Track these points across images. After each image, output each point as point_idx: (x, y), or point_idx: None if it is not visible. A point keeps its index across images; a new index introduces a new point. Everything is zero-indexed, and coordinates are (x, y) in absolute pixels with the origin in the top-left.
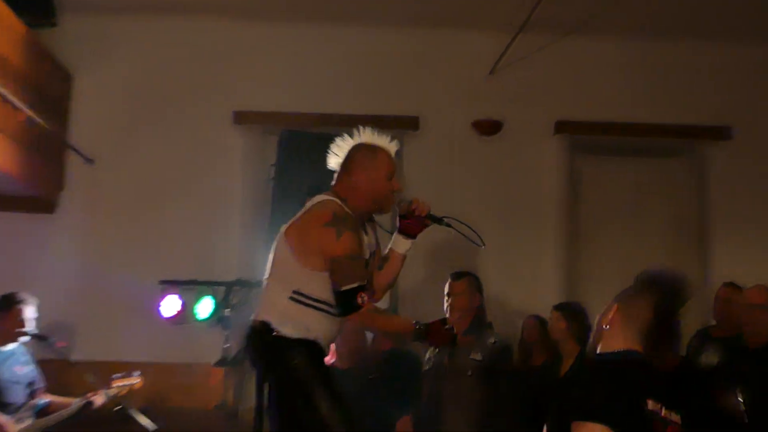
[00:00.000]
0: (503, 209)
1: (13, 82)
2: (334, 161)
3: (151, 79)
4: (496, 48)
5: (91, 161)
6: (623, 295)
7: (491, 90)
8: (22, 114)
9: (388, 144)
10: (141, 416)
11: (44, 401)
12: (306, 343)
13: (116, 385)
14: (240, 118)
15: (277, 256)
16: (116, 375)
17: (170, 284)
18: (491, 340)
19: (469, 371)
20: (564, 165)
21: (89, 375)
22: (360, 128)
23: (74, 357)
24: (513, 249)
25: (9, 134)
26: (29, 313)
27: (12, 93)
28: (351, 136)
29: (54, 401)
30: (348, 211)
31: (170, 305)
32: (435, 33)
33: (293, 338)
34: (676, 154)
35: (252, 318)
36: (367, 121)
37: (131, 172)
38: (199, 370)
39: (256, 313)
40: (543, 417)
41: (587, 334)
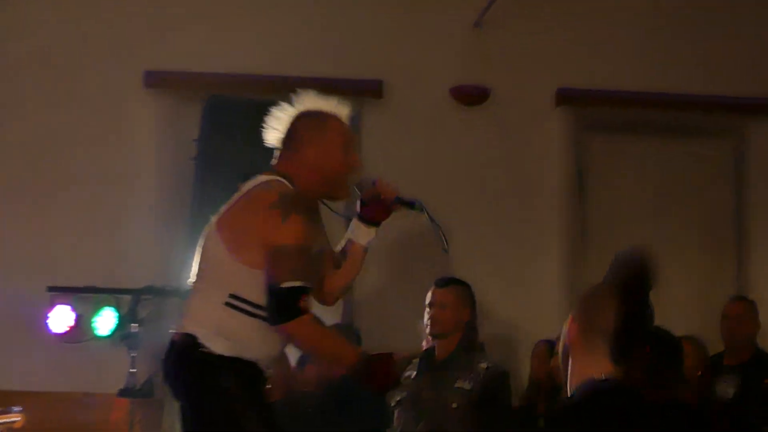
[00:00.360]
0: (490, 200)
1: None
2: (274, 136)
3: (39, 34)
4: None
5: None
6: (580, 303)
7: (475, 48)
8: None
9: (337, 107)
10: None
11: None
12: (242, 364)
13: None
14: (153, 81)
15: (208, 254)
16: None
17: (61, 292)
18: (483, 365)
19: (455, 404)
20: (567, 145)
21: None
22: (300, 93)
23: None
24: (503, 250)
25: None
26: None
27: None
28: (291, 104)
29: None
30: (298, 194)
31: (61, 318)
32: None
33: (226, 356)
34: (711, 134)
35: (174, 331)
36: (317, 86)
37: (13, 152)
38: (99, 402)
39: (180, 325)
40: None
41: None
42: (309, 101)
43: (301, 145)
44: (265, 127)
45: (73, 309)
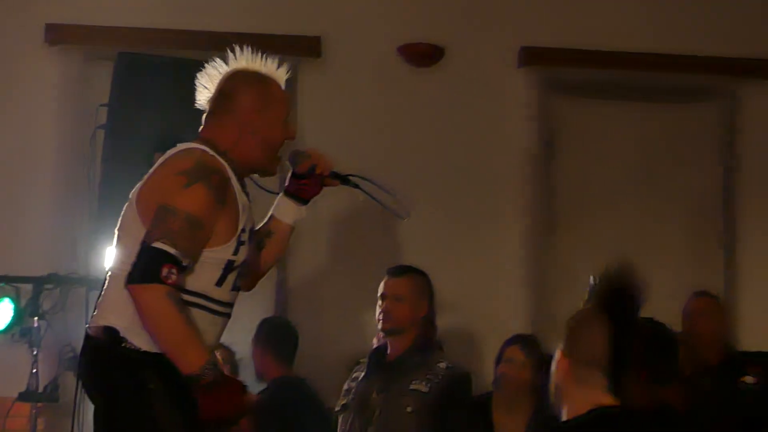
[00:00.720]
0: (444, 174)
1: None
2: (204, 96)
3: None
4: None
5: None
6: (566, 332)
7: (428, 1)
8: None
9: (277, 71)
10: None
11: None
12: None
13: None
14: (55, 36)
15: (126, 234)
16: None
17: None
18: (442, 365)
19: (410, 407)
20: (533, 111)
21: None
22: (237, 49)
23: None
24: (460, 232)
25: None
26: None
27: None
28: (226, 62)
29: None
30: (222, 166)
31: None
32: None
33: (151, 352)
34: (698, 97)
35: (90, 324)
36: (246, 43)
37: None
38: None
39: (97, 317)
40: None
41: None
42: (247, 59)
43: (240, 109)
44: (195, 87)
45: None
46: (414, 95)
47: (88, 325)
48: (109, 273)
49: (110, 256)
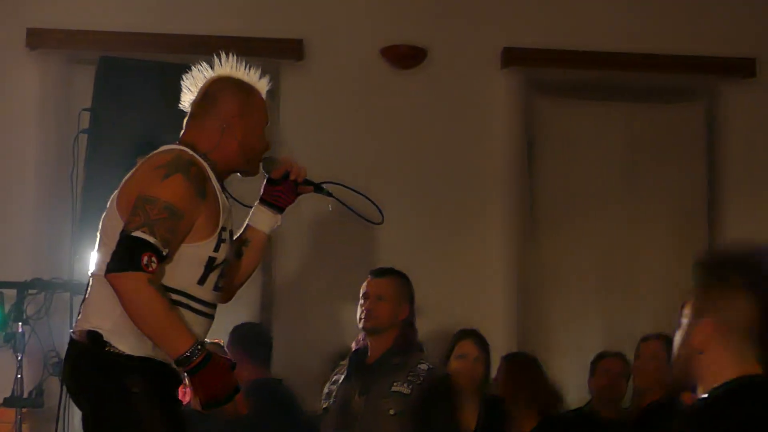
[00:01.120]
0: (427, 175)
1: None
2: (187, 99)
3: None
4: None
5: None
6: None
7: (410, 2)
8: None
9: (259, 82)
10: None
11: None
12: (153, 365)
13: None
14: (36, 40)
15: (108, 236)
16: None
17: None
18: (423, 366)
19: (392, 410)
20: (515, 112)
21: None
22: (222, 55)
23: None
24: (442, 233)
25: None
26: None
27: None
28: (211, 66)
29: None
30: (201, 164)
31: None
32: None
33: (135, 357)
34: (680, 97)
35: (74, 328)
36: (228, 46)
37: None
38: None
39: (81, 321)
40: None
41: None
42: (230, 67)
43: (221, 113)
44: (178, 91)
45: None
46: (396, 97)
47: (72, 330)
48: (92, 276)
49: (93, 260)
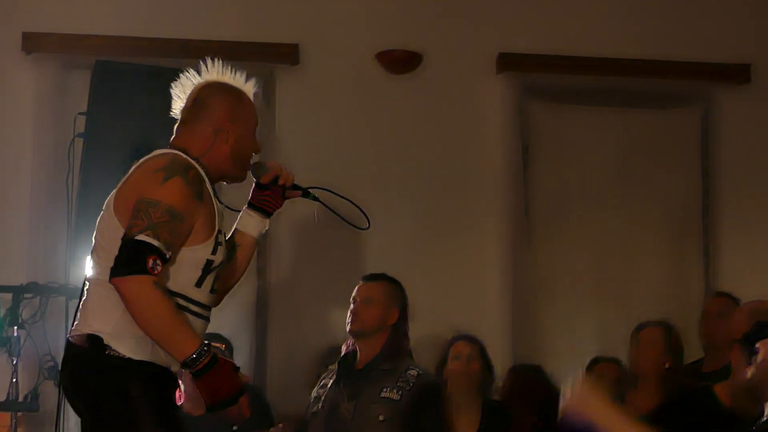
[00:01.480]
0: (422, 180)
1: None
2: (178, 106)
3: None
4: None
5: None
6: None
7: (405, 8)
8: None
9: (246, 85)
10: None
11: None
12: (152, 369)
13: None
14: (32, 44)
15: (105, 239)
16: None
17: None
18: (413, 372)
19: (381, 416)
20: (511, 117)
21: None
22: (208, 61)
23: None
24: (436, 239)
25: None
26: None
27: None
28: (198, 73)
29: None
30: (197, 169)
31: None
32: None
33: (135, 360)
34: (675, 103)
35: (72, 332)
36: (223, 50)
37: None
38: None
39: (79, 325)
40: None
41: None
42: (217, 72)
43: (213, 118)
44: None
45: None
46: (392, 102)
47: (70, 334)
48: (89, 281)
49: (89, 264)
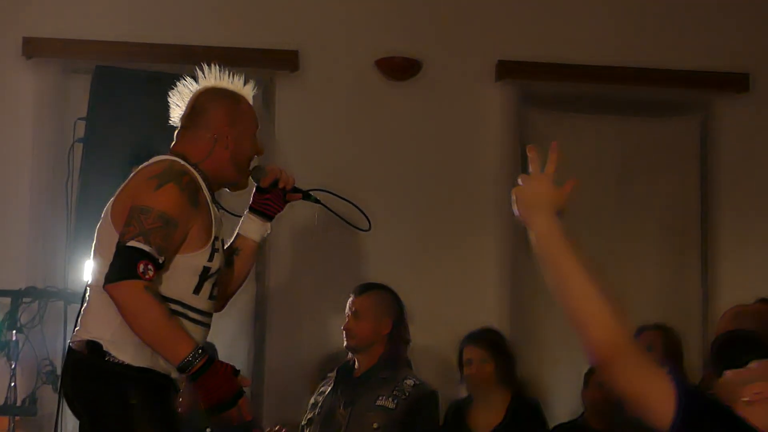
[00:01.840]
0: (420, 187)
1: None
2: (176, 114)
3: None
4: None
5: None
6: None
7: (405, 15)
8: None
9: (244, 88)
10: None
11: None
12: (151, 375)
13: None
14: (32, 49)
15: (103, 246)
16: None
17: None
18: (409, 382)
19: (376, 424)
20: (509, 125)
21: None
22: (205, 67)
23: None
24: (435, 246)
25: None
26: None
27: None
28: (195, 79)
29: None
30: (193, 174)
31: None
32: None
33: (134, 366)
34: (673, 111)
35: (73, 338)
36: (223, 56)
37: None
38: None
39: (80, 331)
40: None
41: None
42: (214, 77)
43: (211, 124)
44: (169, 104)
45: None
46: (391, 108)
47: (71, 340)
48: (89, 287)
49: (89, 270)
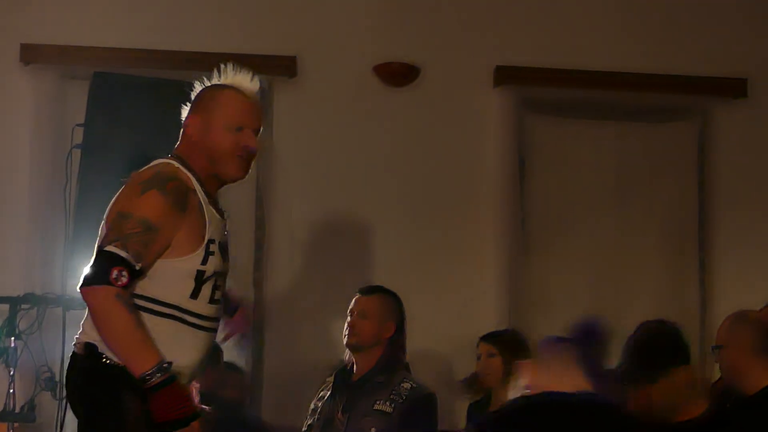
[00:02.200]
0: (419, 193)
1: None
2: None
3: None
4: None
5: None
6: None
7: (403, 21)
8: None
9: (243, 81)
10: None
11: None
12: None
13: None
14: (30, 55)
15: None
16: None
17: None
18: (407, 385)
19: (373, 428)
20: (508, 130)
21: None
22: (222, 67)
23: None
24: (434, 251)
25: None
26: None
27: None
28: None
29: None
30: (185, 175)
31: None
32: None
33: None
34: (672, 117)
35: (75, 341)
36: (221, 62)
37: None
38: None
39: (81, 334)
40: None
41: None
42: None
43: (185, 124)
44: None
45: None
46: (389, 114)
47: (74, 343)
48: None
49: None
